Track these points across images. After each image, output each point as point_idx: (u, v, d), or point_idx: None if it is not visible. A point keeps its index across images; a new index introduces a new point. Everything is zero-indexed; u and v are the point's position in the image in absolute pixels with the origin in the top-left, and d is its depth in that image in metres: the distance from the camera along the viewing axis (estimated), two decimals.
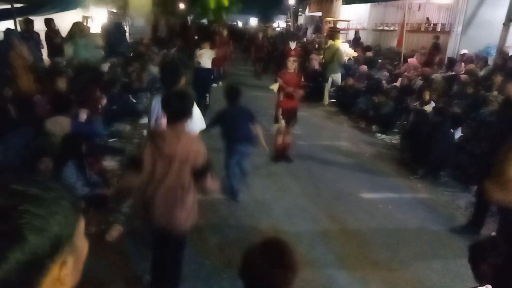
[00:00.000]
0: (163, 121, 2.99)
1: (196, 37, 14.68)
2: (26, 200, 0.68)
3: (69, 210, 0.73)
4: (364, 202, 4.85)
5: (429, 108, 6.70)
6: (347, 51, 13.11)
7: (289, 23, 28.76)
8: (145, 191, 2.50)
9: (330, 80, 10.30)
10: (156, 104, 3.23)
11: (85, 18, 11.73)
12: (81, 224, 0.78)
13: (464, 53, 11.25)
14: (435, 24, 13.92)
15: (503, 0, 10.66)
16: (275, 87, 5.81)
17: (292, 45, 5.78)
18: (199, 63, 8.57)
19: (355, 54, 13.32)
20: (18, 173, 0.79)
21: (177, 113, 2.48)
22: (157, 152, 2.43)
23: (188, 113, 2.52)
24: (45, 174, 3.51)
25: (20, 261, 0.64)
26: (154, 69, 8.92)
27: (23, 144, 4.21)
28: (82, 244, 0.78)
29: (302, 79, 6.13)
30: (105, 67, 7.91)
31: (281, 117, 5.78)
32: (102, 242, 3.59)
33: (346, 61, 12.15)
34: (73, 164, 3.70)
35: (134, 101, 7.56)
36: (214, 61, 9.54)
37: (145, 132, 6.83)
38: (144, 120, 7.36)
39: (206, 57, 8.63)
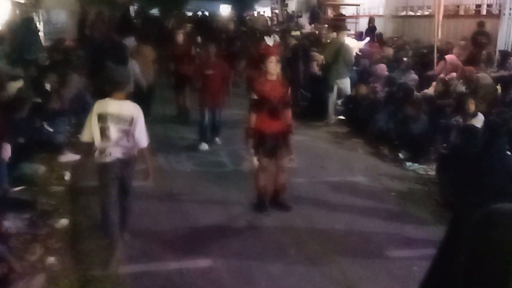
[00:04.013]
0: None
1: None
2: None
3: None
4: (393, 263, 4.83)
5: (476, 123, 6.80)
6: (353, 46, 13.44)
7: (276, 11, 29.37)
8: None
9: (335, 88, 10.47)
10: None
11: None
12: None
13: None
14: (478, 6, 14.39)
15: None
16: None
17: (269, 40, 5.77)
18: None
19: (361, 45, 13.64)
20: None
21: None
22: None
23: None
24: None
25: None
26: (80, 82, 8.90)
27: None
28: None
29: (290, 90, 5.97)
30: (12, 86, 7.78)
31: (252, 149, 5.74)
32: None
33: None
34: None
35: (50, 129, 7.48)
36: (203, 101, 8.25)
37: (67, 174, 6.73)
38: (66, 156, 7.28)
39: None
